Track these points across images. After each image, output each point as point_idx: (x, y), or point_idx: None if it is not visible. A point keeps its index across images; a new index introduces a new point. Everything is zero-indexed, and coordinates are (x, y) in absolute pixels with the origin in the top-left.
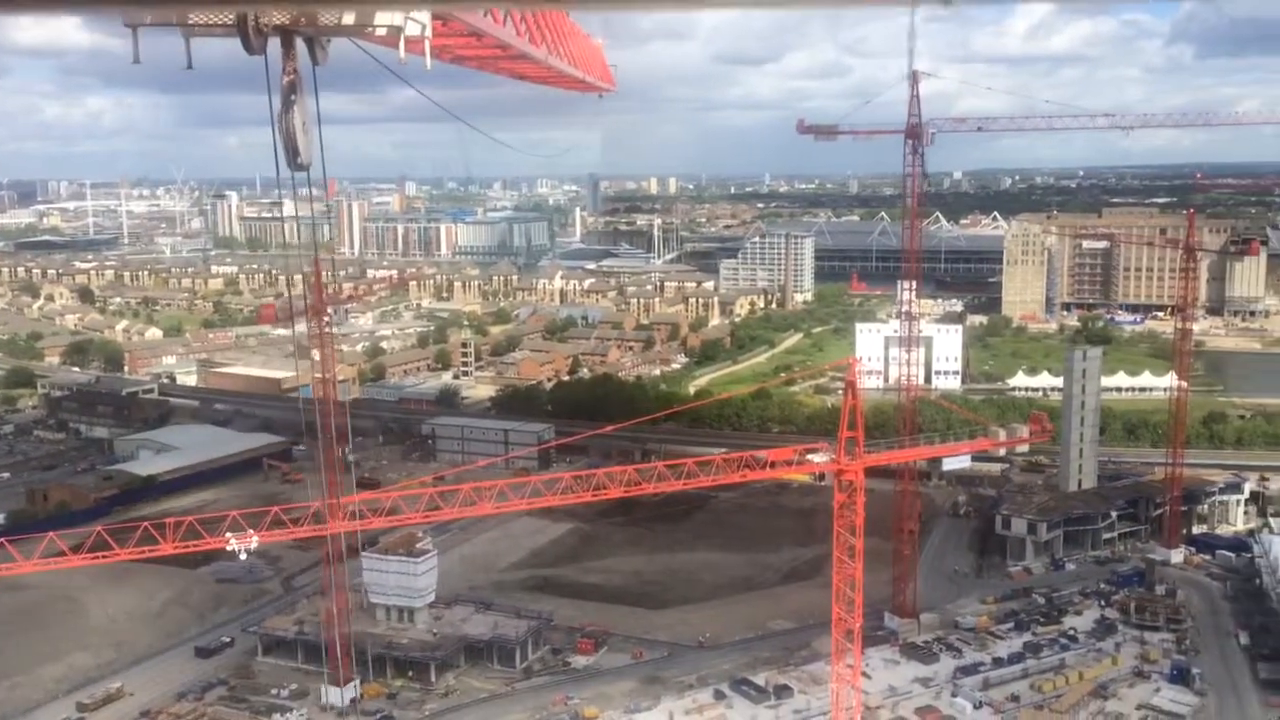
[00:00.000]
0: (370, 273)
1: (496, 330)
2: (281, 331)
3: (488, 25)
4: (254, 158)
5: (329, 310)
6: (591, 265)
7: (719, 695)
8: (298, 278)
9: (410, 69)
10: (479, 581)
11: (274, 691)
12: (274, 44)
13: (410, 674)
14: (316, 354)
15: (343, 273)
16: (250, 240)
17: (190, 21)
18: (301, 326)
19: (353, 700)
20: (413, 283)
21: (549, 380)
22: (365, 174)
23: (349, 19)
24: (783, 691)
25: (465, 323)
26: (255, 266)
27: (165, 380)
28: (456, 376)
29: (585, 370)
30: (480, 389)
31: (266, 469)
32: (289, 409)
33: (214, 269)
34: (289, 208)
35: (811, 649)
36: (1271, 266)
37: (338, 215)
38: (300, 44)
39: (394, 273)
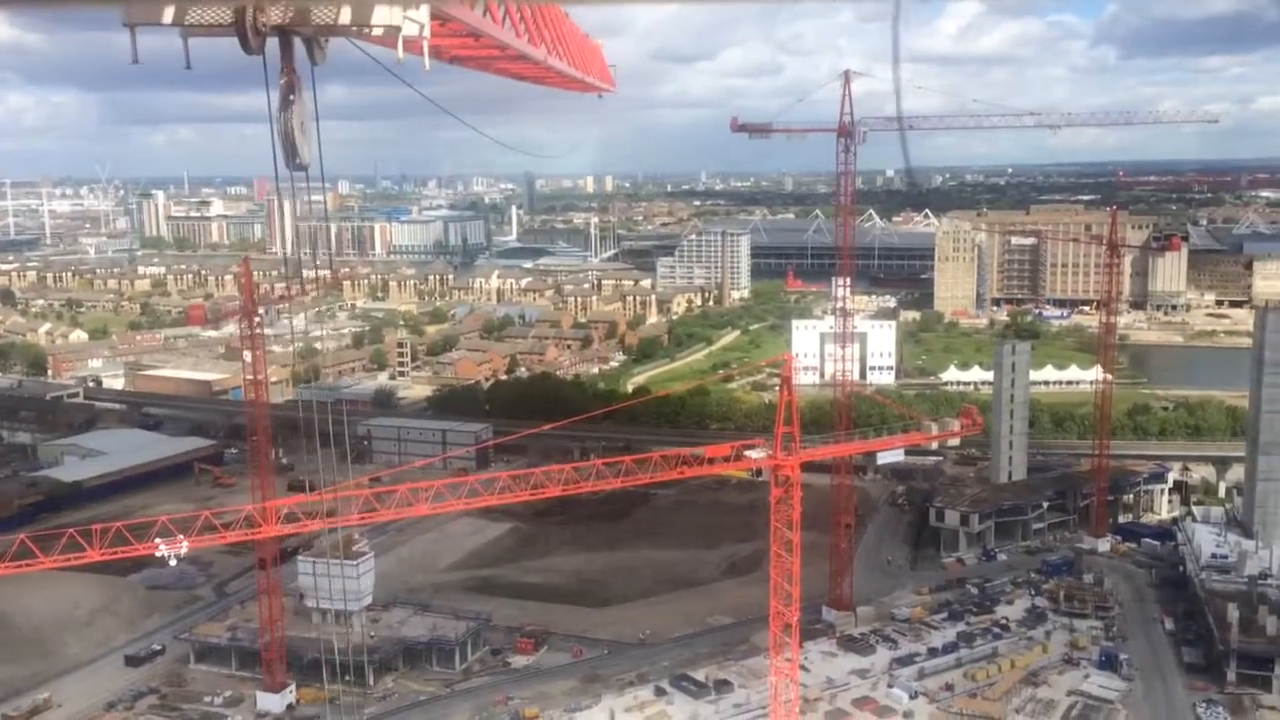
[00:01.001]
0: (304, 273)
1: (433, 330)
2: (211, 333)
3: (487, 25)
4: (182, 155)
5: (260, 311)
6: (528, 264)
7: (659, 692)
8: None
9: (403, 68)
10: (417, 583)
11: (207, 699)
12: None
13: (347, 678)
14: (248, 355)
15: (274, 273)
16: (178, 240)
17: (188, 21)
18: (234, 328)
19: (289, 706)
20: (347, 282)
21: (486, 380)
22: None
23: (345, 18)
24: (722, 686)
25: (401, 322)
26: (184, 267)
27: (91, 384)
28: (393, 377)
29: (523, 369)
30: (417, 389)
31: (198, 473)
32: (220, 412)
33: (141, 270)
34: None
35: (751, 644)
36: (1191, 262)
37: (268, 215)
38: (299, 44)
39: (327, 273)
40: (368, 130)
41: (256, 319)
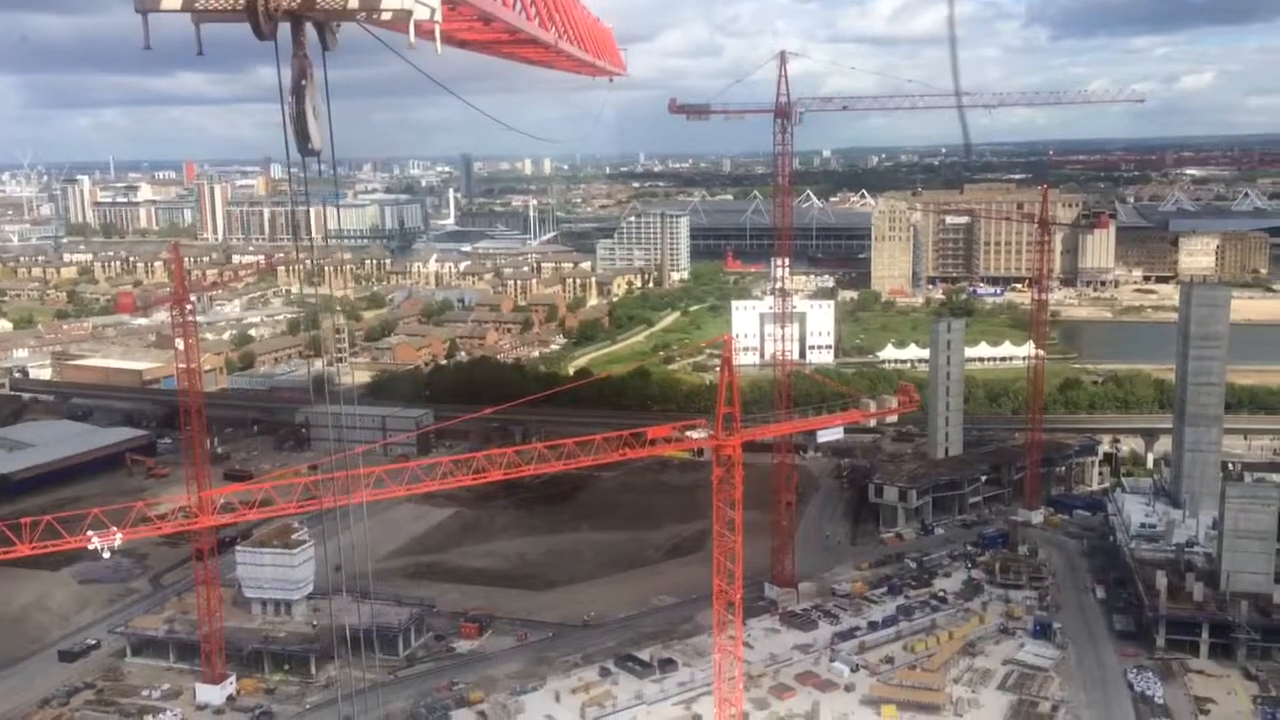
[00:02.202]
0: (235, 258)
1: (370, 315)
2: (142, 321)
3: (498, 9)
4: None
5: (192, 298)
6: (467, 247)
7: (604, 672)
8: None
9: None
10: (358, 571)
11: (145, 693)
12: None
13: (288, 667)
14: (180, 343)
15: (205, 259)
16: (105, 227)
17: (199, 6)
18: (165, 315)
19: (229, 697)
20: (281, 268)
21: (426, 365)
22: (228, 156)
23: (356, 3)
24: (667, 665)
25: (338, 308)
26: (111, 254)
27: (17, 375)
28: (330, 363)
29: (463, 353)
30: (355, 375)
31: (130, 464)
32: (152, 401)
33: (66, 257)
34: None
35: (695, 622)
36: (1120, 239)
37: (198, 199)
38: (311, 30)
39: (261, 258)
40: None
41: (189, 306)
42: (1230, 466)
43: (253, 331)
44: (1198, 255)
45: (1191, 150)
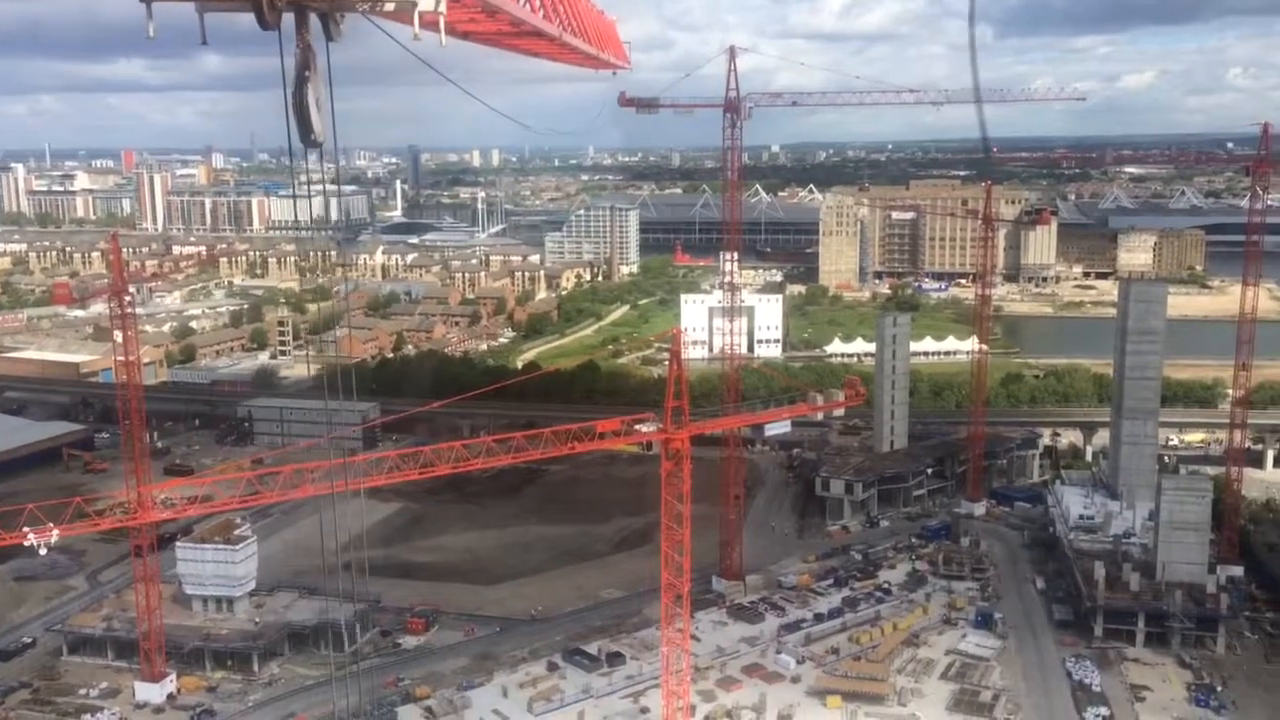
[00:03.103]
0: (176, 249)
1: (315, 308)
2: (79, 313)
3: (502, 1)
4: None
5: (131, 289)
6: (414, 240)
7: (552, 666)
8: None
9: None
10: (303, 566)
11: (83, 692)
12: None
13: (231, 665)
14: (119, 336)
15: (145, 249)
16: (40, 216)
17: None
18: (103, 307)
19: (170, 695)
20: (223, 259)
21: (372, 358)
22: (168, 144)
23: None
24: (615, 659)
25: (282, 300)
26: (47, 244)
27: None
28: (274, 356)
29: (410, 347)
30: (299, 368)
31: (67, 459)
32: (90, 394)
33: (0, 247)
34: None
35: (643, 615)
36: (1061, 235)
37: (137, 189)
38: (315, 19)
39: (202, 249)
40: (245, 101)
41: (127, 297)
42: (1166, 459)
43: (194, 324)
44: (1136, 252)
45: (1131, 149)
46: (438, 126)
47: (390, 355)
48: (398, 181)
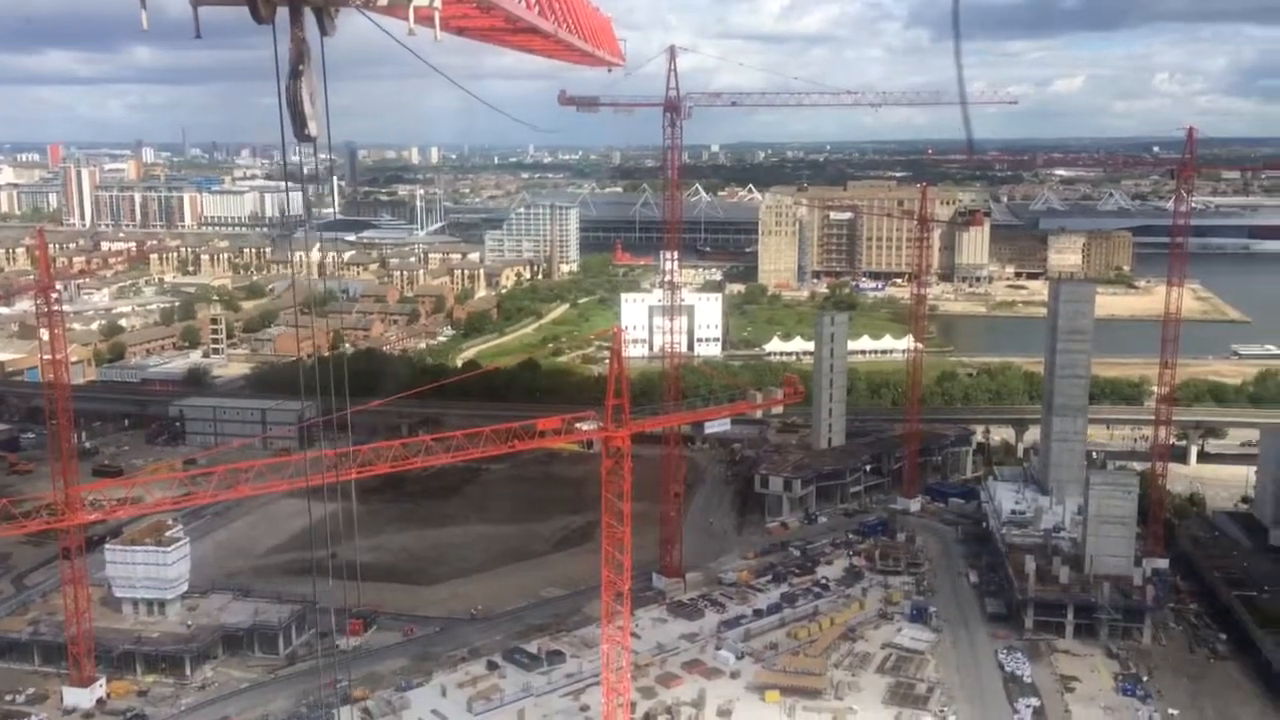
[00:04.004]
0: (105, 245)
1: (249, 305)
2: (3, 310)
3: None
4: None
5: (58, 286)
6: (351, 237)
7: (492, 666)
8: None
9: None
10: (237, 568)
11: (9, 697)
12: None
13: (163, 668)
14: (45, 333)
15: (72, 245)
16: None
17: None
18: (28, 304)
19: (99, 700)
20: (154, 256)
21: (308, 356)
22: (96, 138)
23: None
24: (555, 657)
25: (214, 298)
26: None
27: None
28: (206, 355)
29: (348, 345)
30: (233, 367)
31: None
32: (15, 394)
33: None
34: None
35: (583, 614)
36: (993, 236)
37: (64, 183)
38: (310, 15)
39: (132, 245)
40: (176, 94)
41: (54, 294)
42: (1094, 455)
43: (123, 322)
44: (1066, 253)
45: (1062, 152)
46: (375, 122)
47: (326, 354)
48: (335, 178)
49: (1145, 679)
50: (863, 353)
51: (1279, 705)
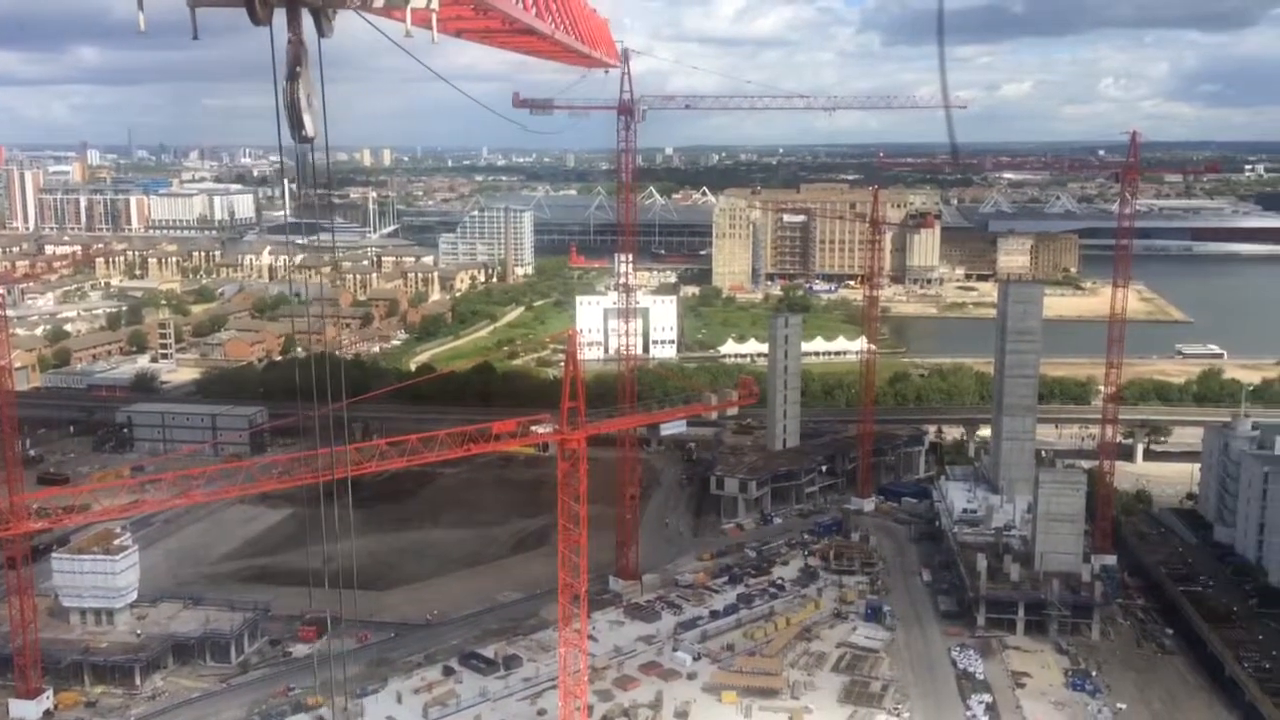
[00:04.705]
0: (49, 249)
1: (199, 309)
2: None
3: None
4: None
5: (0, 290)
6: (302, 240)
7: (448, 671)
8: None
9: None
10: (187, 576)
11: None
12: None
13: (112, 679)
14: None
15: (15, 249)
16: None
17: None
18: None
19: (47, 712)
20: (100, 260)
21: (259, 361)
22: (40, 140)
23: None
24: (512, 662)
25: (163, 302)
26: None
27: None
28: (154, 360)
29: (299, 349)
30: (182, 372)
31: None
32: None
33: None
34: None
35: (540, 617)
36: (944, 238)
37: (7, 186)
38: (307, 16)
39: (77, 249)
40: (122, 96)
41: None
42: (1043, 454)
43: (69, 327)
44: (1014, 255)
45: (1010, 155)
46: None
47: (278, 358)
48: (286, 180)
49: (1094, 674)
50: (816, 354)
51: (1224, 697)
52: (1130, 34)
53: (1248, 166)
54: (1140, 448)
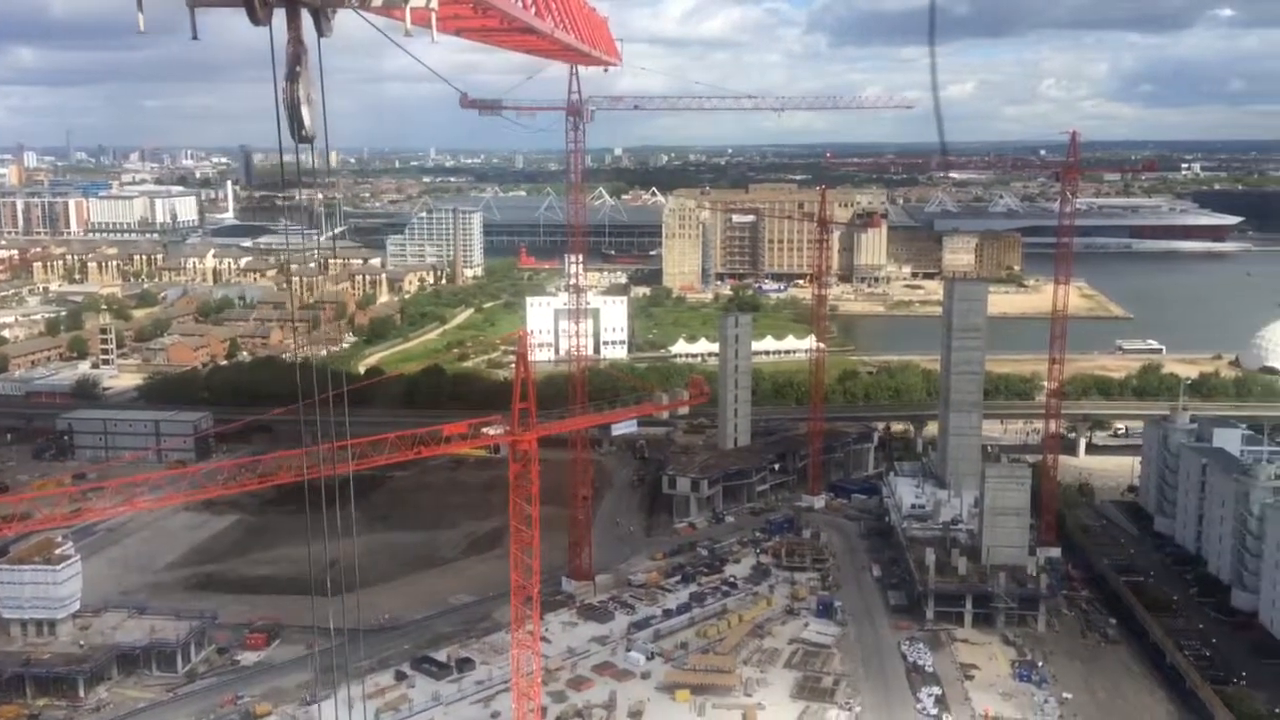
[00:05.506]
0: None
1: (141, 314)
2: None
3: None
4: None
5: None
6: (247, 242)
7: (400, 675)
8: None
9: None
10: (132, 585)
11: None
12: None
13: (57, 690)
14: None
15: None
16: None
17: None
18: None
19: None
20: (37, 263)
21: (204, 365)
22: None
23: None
24: (465, 665)
25: (103, 306)
26: None
27: None
28: (95, 365)
29: (245, 353)
30: (125, 378)
31: None
32: None
33: None
34: None
35: (493, 619)
36: (891, 238)
37: None
38: (307, 16)
39: (14, 253)
40: (60, 97)
41: None
42: (989, 449)
43: (6, 333)
44: (959, 253)
45: (954, 155)
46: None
47: (224, 362)
48: (229, 182)
49: (1040, 664)
50: (766, 353)
51: (1166, 685)
52: (1069, 35)
53: (1184, 165)
54: (1083, 441)
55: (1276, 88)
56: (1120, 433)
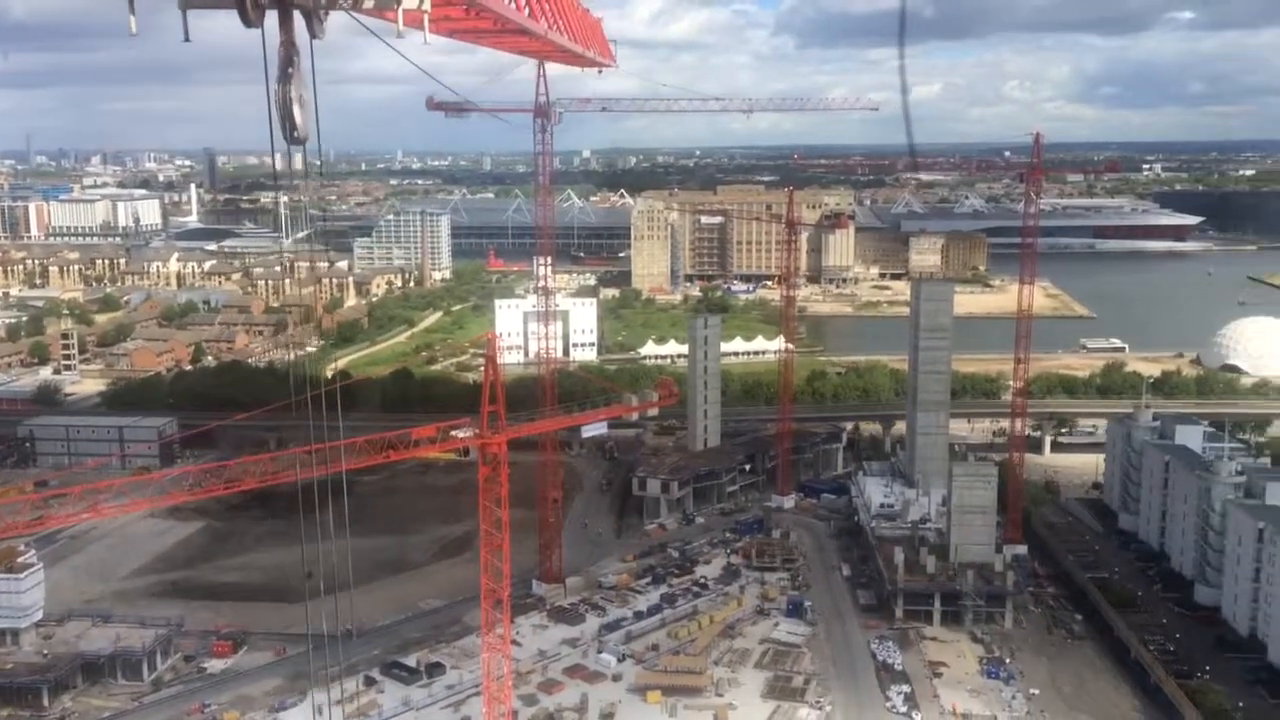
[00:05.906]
0: None
1: (103, 319)
2: None
3: None
4: None
5: None
6: (212, 246)
7: (369, 681)
8: None
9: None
10: (96, 593)
11: None
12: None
13: (20, 700)
14: None
15: None
16: None
17: None
18: None
19: None
20: None
21: (168, 370)
22: None
23: None
24: (435, 669)
25: (65, 311)
26: None
27: None
28: (57, 371)
29: (210, 358)
30: (87, 383)
31: None
32: None
33: None
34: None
35: (463, 624)
36: (858, 239)
37: None
38: (299, 17)
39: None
40: (19, 99)
41: None
42: (956, 448)
43: None
44: (926, 254)
45: (920, 156)
46: (236, 128)
47: (188, 367)
48: (193, 185)
49: (1008, 661)
50: (736, 354)
51: (1130, 679)
52: (1030, 38)
53: (1146, 166)
54: (1048, 440)
55: (1235, 89)
56: (1090, 431)
